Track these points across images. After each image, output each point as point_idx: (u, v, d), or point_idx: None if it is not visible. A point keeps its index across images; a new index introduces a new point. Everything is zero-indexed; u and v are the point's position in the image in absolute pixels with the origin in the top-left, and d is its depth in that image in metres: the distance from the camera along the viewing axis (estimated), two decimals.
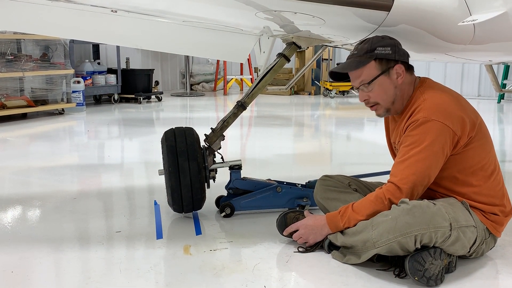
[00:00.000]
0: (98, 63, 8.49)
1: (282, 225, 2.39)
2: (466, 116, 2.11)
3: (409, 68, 2.23)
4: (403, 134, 2.17)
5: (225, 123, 2.80)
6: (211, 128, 2.80)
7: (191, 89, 10.82)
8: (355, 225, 2.12)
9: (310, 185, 2.87)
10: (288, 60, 2.83)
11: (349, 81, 2.30)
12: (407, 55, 2.21)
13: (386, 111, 2.28)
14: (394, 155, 2.41)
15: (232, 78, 11.01)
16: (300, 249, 2.29)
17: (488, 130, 2.24)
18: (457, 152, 2.12)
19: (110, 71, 8.58)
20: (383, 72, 2.18)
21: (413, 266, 1.95)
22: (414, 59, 2.56)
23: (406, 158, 2.10)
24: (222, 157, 2.88)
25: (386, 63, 2.18)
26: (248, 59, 9.83)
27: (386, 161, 2.83)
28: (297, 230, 2.30)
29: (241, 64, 10.89)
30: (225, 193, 2.90)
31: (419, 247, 1.97)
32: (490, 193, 2.16)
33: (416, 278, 1.95)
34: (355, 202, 2.18)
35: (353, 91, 10.27)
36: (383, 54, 2.16)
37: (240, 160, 2.83)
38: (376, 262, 2.13)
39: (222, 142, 2.82)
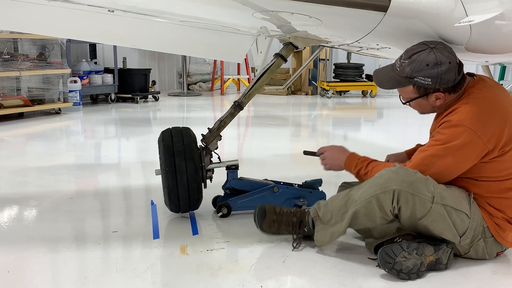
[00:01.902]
0: (95, 63, 8.46)
1: (262, 216, 2.31)
2: (507, 129, 2.05)
3: (456, 87, 2.12)
4: (437, 128, 2.16)
5: (222, 123, 2.81)
6: (208, 128, 2.81)
7: (188, 89, 10.80)
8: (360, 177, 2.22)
9: (307, 185, 2.88)
10: (285, 60, 2.84)
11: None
12: (453, 80, 2.06)
13: (423, 114, 2.30)
14: None
15: (229, 78, 11.00)
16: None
17: None
18: (482, 161, 2.07)
19: (107, 70, 8.55)
20: (421, 96, 2.15)
21: (382, 258, 1.99)
22: None
23: (425, 149, 2.12)
24: (219, 157, 2.89)
25: (424, 90, 2.12)
26: (245, 59, 9.81)
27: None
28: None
29: (238, 64, 10.88)
30: (222, 193, 2.90)
31: (397, 212, 2.00)
32: (499, 207, 2.13)
33: (386, 270, 2.00)
34: (374, 162, 2.23)
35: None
36: (422, 84, 2.08)
37: (237, 160, 2.84)
38: (372, 258, 2.15)
39: (219, 142, 2.83)
